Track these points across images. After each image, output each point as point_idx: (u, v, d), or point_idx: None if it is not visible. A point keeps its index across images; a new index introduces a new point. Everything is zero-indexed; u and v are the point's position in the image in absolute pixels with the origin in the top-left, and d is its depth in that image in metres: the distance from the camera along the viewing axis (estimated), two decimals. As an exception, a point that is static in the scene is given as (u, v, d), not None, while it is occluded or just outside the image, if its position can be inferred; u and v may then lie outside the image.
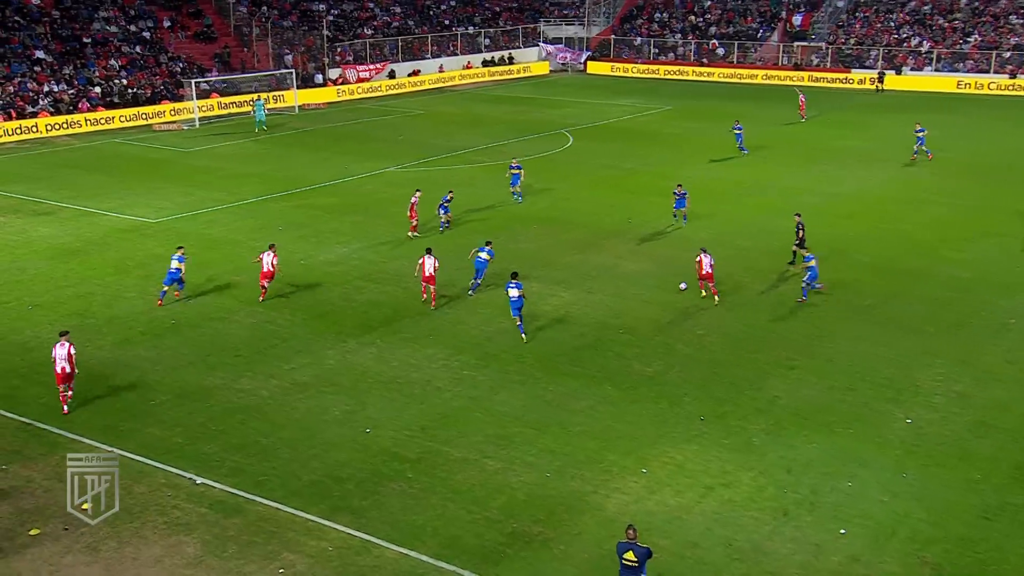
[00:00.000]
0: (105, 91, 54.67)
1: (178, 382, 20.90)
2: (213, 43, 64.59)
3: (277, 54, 65.75)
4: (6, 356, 22.10)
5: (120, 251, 29.88)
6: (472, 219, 33.51)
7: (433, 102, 62.92)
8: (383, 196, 37.05)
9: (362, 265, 28.70)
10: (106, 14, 60.57)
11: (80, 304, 25.35)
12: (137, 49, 59.47)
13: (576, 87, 70.18)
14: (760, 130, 51.14)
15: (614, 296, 26.18)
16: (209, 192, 37.42)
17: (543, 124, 53.46)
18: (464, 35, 78.15)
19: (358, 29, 72.65)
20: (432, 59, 73.83)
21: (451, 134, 50.35)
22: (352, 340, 23.16)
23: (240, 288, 26.63)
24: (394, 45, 72.10)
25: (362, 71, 67.41)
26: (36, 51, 54.64)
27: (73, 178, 39.97)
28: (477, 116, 56.52)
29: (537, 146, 46.91)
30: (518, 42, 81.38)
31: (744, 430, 19.08)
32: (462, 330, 23.82)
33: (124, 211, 34.55)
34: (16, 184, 38.82)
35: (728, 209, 35.12)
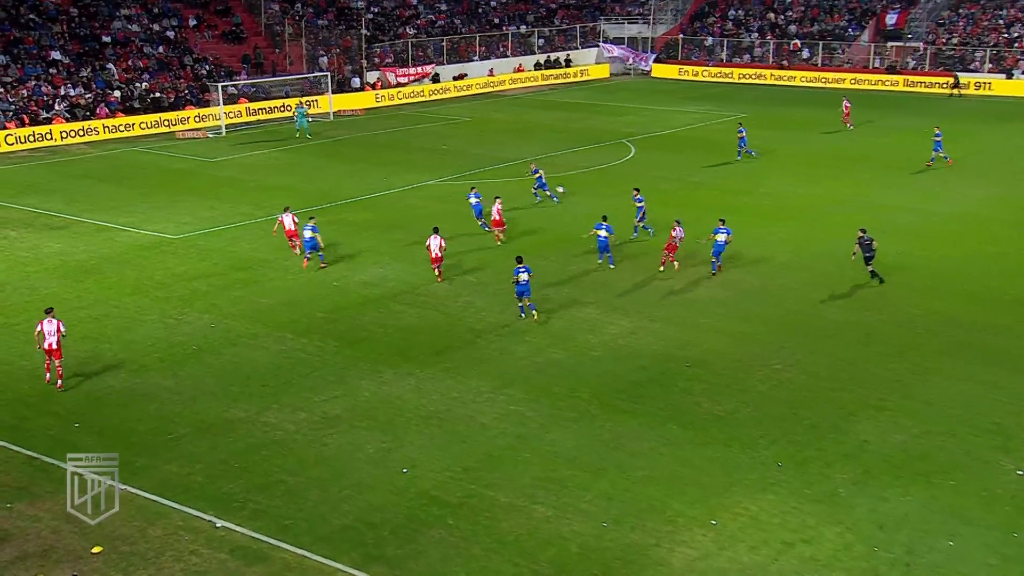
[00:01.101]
0: (125, 95, 56.02)
1: (198, 414, 21.23)
2: (242, 43, 65.92)
3: (311, 56, 66.85)
4: (13, 383, 22.65)
5: (138, 270, 30.52)
6: (520, 235, 33.63)
7: (481, 108, 63.42)
8: (424, 211, 37.38)
9: (400, 287, 28.96)
10: (128, 12, 62.21)
11: (94, 327, 25.93)
12: (160, 50, 60.91)
13: (639, 92, 70.27)
14: (850, 141, 50.68)
15: (680, 325, 26.06)
16: (235, 206, 38.10)
17: (602, 133, 53.55)
18: (516, 35, 78.77)
19: (399, 28, 73.61)
20: (480, 61, 74.50)
21: (500, 144, 50.65)
22: (388, 370, 23.35)
23: (267, 311, 27.03)
24: (439, 46, 72.92)
25: (403, 75, 68.28)
26: (52, 52, 56.25)
27: (89, 189, 40.99)
28: (529, 124, 56.84)
29: (595, 157, 47.00)
30: (575, 42, 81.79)
31: (828, 479, 18.82)
32: (510, 361, 23.87)
33: (143, 226, 35.32)
34: (28, 195, 39.92)
35: (810, 229, 34.83)
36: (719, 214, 36.05)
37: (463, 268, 30.41)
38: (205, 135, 53.64)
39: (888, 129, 52.80)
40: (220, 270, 30.52)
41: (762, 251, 32.22)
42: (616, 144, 50.42)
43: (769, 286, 29.05)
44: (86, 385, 22.49)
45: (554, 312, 26.91)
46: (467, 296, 28.18)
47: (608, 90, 72.41)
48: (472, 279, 29.54)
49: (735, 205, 37.44)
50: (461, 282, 29.27)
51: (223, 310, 27.13)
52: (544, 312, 26.82)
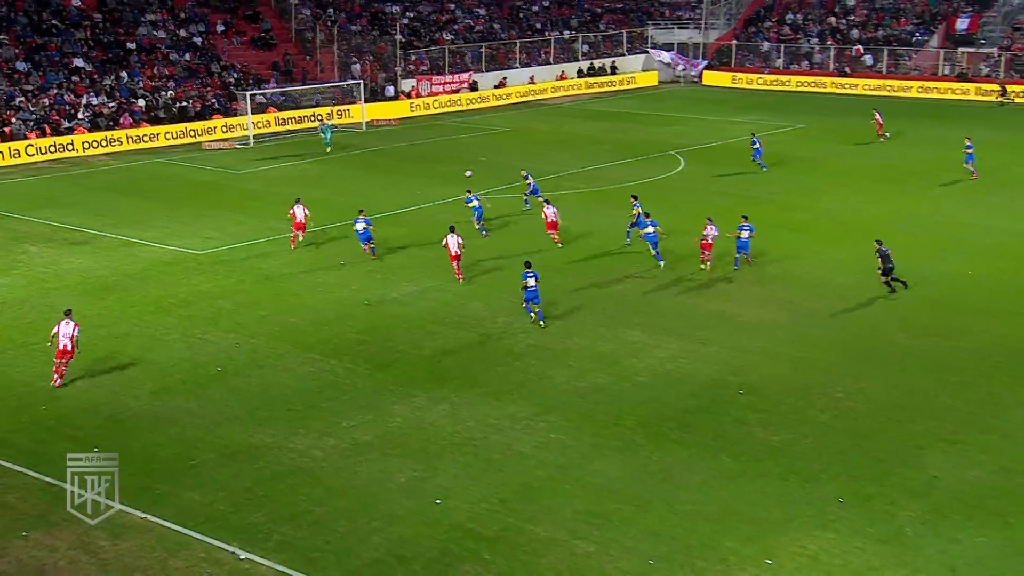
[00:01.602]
0: (150, 104, 56.86)
1: (222, 439, 21.39)
2: (272, 50, 66.71)
3: (343, 63, 67.49)
4: (31, 405, 22.97)
5: (161, 287, 30.89)
6: (556, 251, 33.64)
7: (521, 118, 63.63)
8: (460, 227, 37.48)
9: (435, 307, 29.05)
10: (153, 17, 63.23)
11: (115, 346, 26.25)
12: (187, 57, 61.80)
13: (690, 101, 70.15)
14: (917, 153, 50.18)
15: (733, 349, 25.89)
16: (263, 220, 38.49)
17: (650, 144, 53.51)
18: (559, 41, 79.03)
19: (436, 34, 74.13)
20: (521, 68, 74.80)
21: (541, 155, 50.74)
22: (422, 394, 23.40)
23: (295, 331, 27.22)
24: (477, 53, 73.34)
25: (439, 82, 68.70)
26: (74, 59, 57.27)
27: (111, 203, 41.60)
28: (572, 135, 56.92)
29: (642, 170, 46.94)
30: (621, 48, 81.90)
31: (894, 517, 18.55)
32: (550, 385, 23.83)
33: (167, 241, 35.78)
34: (48, 209, 40.59)
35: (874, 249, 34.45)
36: (777, 232, 35.90)
37: (506, 289, 30.43)
38: (232, 146, 54.29)
39: (934, 141, 52.22)
40: (246, 287, 30.81)
41: (822, 271, 31.94)
42: (664, 156, 50.33)
43: (829, 308, 28.79)
44: (106, 408, 22.75)
45: (598, 334, 26.84)
46: (506, 316, 28.20)
47: (656, 99, 72.33)
48: (510, 299, 29.54)
49: (793, 222, 37.19)
50: (500, 301, 29.30)
51: (249, 329, 27.36)
52: (587, 334, 26.75)
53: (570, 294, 30.06)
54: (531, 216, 37.79)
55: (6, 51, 55.74)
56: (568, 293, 30.15)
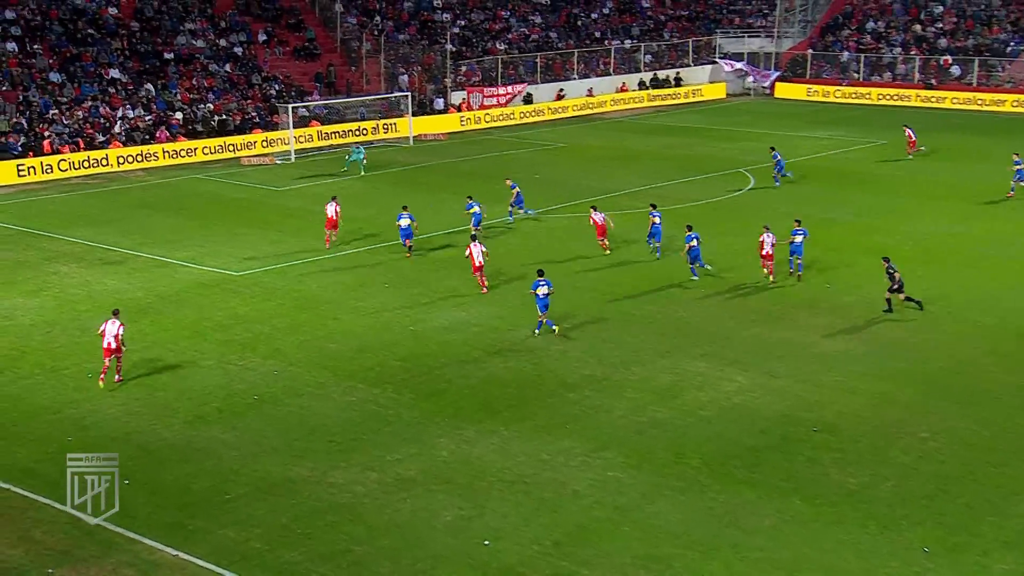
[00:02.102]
0: (187, 117, 57.82)
1: (259, 472, 21.56)
2: (315, 61, 67.56)
3: (391, 74, 68.13)
4: (58, 433, 23.34)
5: (197, 310, 31.31)
6: (615, 275, 33.56)
7: (578, 133, 63.72)
8: (513, 247, 37.58)
9: (485, 333, 29.11)
10: (193, 26, 64.37)
11: (148, 372, 26.61)
12: (227, 68, 62.79)
13: (760, 115, 69.81)
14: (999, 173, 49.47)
15: (806, 383, 25.63)
16: (303, 240, 38.88)
17: (717, 161, 53.30)
18: (619, 50, 79.17)
19: (488, 44, 74.61)
20: (578, 80, 74.97)
21: (600, 173, 50.73)
22: (470, 427, 23.43)
23: (336, 358, 27.41)
24: (532, 63, 73.67)
25: (491, 95, 69.07)
26: (110, 70, 58.43)
27: (146, 221, 42.28)
28: (633, 151, 56.89)
29: (709, 188, 46.77)
30: (687, 59, 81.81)
31: (986, 570, 18.20)
32: (607, 419, 23.75)
33: (204, 262, 36.27)
34: (81, 227, 41.36)
35: (964, 274, 34.04)
36: (855, 256, 35.60)
37: (566, 319, 30.45)
38: (273, 161, 54.95)
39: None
40: (285, 311, 31.11)
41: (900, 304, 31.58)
42: (733, 174, 50.10)
43: (913, 339, 28.41)
44: (137, 437, 23.05)
45: (658, 364, 26.71)
46: (560, 344, 28.18)
47: (724, 112, 72.08)
48: (566, 325, 29.52)
49: (872, 245, 36.82)
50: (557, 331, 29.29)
51: (288, 356, 27.60)
52: (646, 364, 26.63)
53: (627, 320, 29.96)
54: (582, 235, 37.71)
55: (39, 61, 57.06)
56: (625, 318, 30.06)
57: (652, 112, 72.78)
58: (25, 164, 50.35)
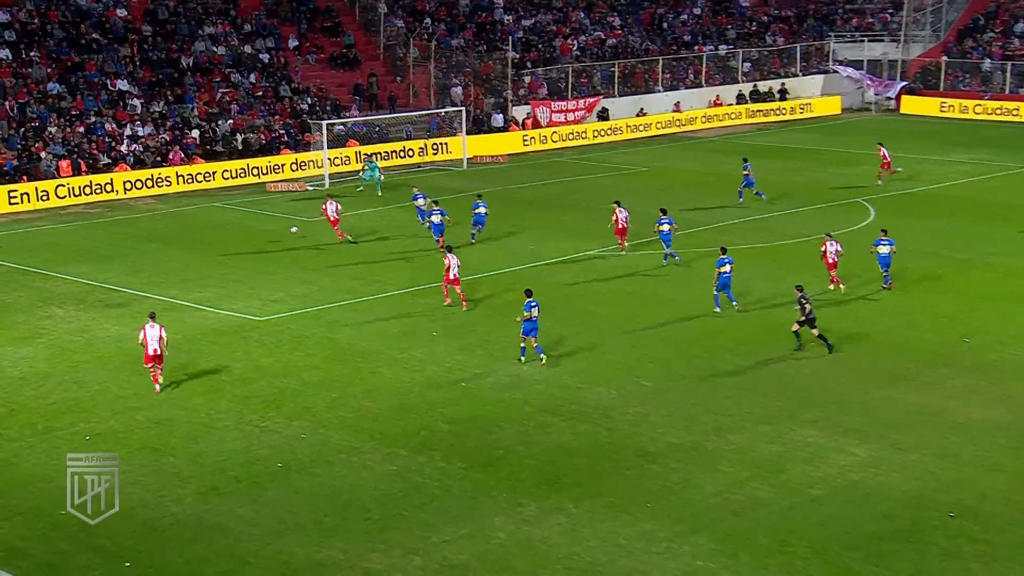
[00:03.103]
0: (205, 136, 58.60)
1: (282, 554, 21.56)
2: (354, 70, 68.30)
3: (442, 85, 68.60)
4: (50, 506, 23.42)
5: (214, 360, 31.54)
6: (704, 325, 33.33)
7: (663, 155, 63.61)
8: (583, 291, 37.50)
9: (549, 391, 28.99)
10: (213, 30, 65.40)
11: (156, 435, 26.81)
12: (251, 78, 63.65)
13: (882, 134, 68.96)
14: None
15: (939, 456, 25.22)
16: (338, 279, 39.11)
17: (829, 189, 52.98)
18: (712, 58, 79.14)
19: (557, 49, 74.81)
20: (663, 92, 75.05)
21: (688, 201, 50.56)
22: (532, 503, 23.29)
23: (375, 419, 27.45)
24: (608, 72, 73.88)
25: (560, 110, 69.22)
26: (117, 81, 59.43)
27: (156, 256, 42.79)
28: (728, 176, 56.56)
29: (820, 221, 46.33)
30: (794, 67, 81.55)
31: None
32: (696, 497, 23.50)
33: (221, 304, 36.60)
34: (81, 263, 41.96)
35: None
36: (997, 304, 35.17)
37: (641, 370, 30.23)
38: (304, 187, 55.41)
39: None
40: (316, 363, 31.24)
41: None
42: (848, 204, 49.70)
43: None
44: (142, 512, 23.19)
45: (758, 431, 26.41)
46: (640, 405, 28.01)
47: (839, 131, 71.63)
48: (646, 383, 29.35)
49: (1020, 292, 36.28)
50: (633, 386, 29.11)
51: (318, 416, 27.68)
52: (744, 430, 26.32)
53: (720, 377, 29.71)
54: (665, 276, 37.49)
55: (37, 71, 58.28)
56: (717, 376, 29.81)
57: (752, 130, 72.53)
58: (18, 190, 51.21)
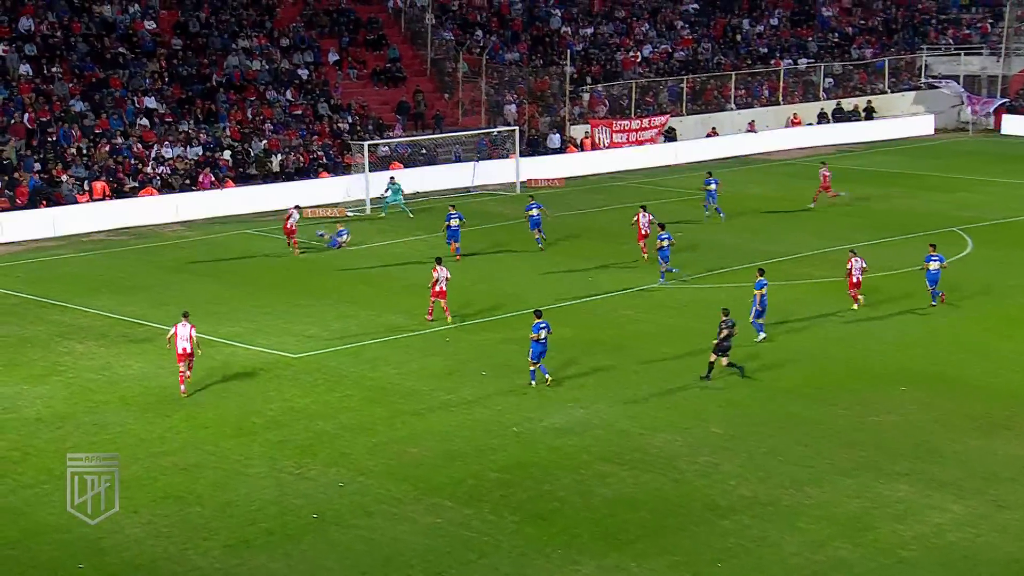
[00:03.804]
0: (238, 158, 59.07)
1: (315, 613, 21.59)
2: (399, 86, 68.65)
3: (494, 103, 68.77)
4: (67, 559, 23.58)
5: (244, 401, 31.68)
6: (778, 361, 33.14)
7: (735, 179, 63.43)
8: (644, 327, 37.41)
9: (611, 438, 28.89)
10: (247, 44, 65.92)
11: (182, 482, 26.92)
12: (288, 95, 64.15)
13: (981, 157, 68.79)
14: None
15: (1047, 516, 24.91)
16: (379, 314, 39.22)
17: (922, 217, 52.67)
18: (791, 72, 78.81)
19: (619, 63, 74.68)
20: (736, 110, 74.83)
21: (764, 230, 50.36)
22: (590, 561, 23.18)
23: (418, 466, 27.44)
24: (675, 89, 73.81)
25: (623, 129, 69.19)
26: (145, 98, 60.03)
27: (183, 288, 43.10)
28: (807, 202, 56.35)
29: (910, 252, 45.96)
30: (882, 83, 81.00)
31: None
32: (773, 557, 23.33)
33: (253, 340, 36.79)
34: (103, 295, 42.30)
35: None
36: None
37: (711, 413, 30.08)
38: (344, 212, 55.66)
39: None
40: (355, 404, 31.31)
41: None
42: (943, 234, 49.19)
43: None
44: (166, 566, 23.29)
45: (841, 485, 26.15)
46: (709, 454, 27.85)
47: (932, 153, 71.14)
48: (716, 430, 29.20)
49: None
50: (701, 432, 28.96)
51: (357, 463, 27.72)
52: (826, 483, 26.08)
53: (798, 424, 29.51)
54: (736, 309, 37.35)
55: (59, 87, 58.96)
56: (795, 422, 29.61)
57: (835, 152, 72.11)
58: (36, 215, 51.59)
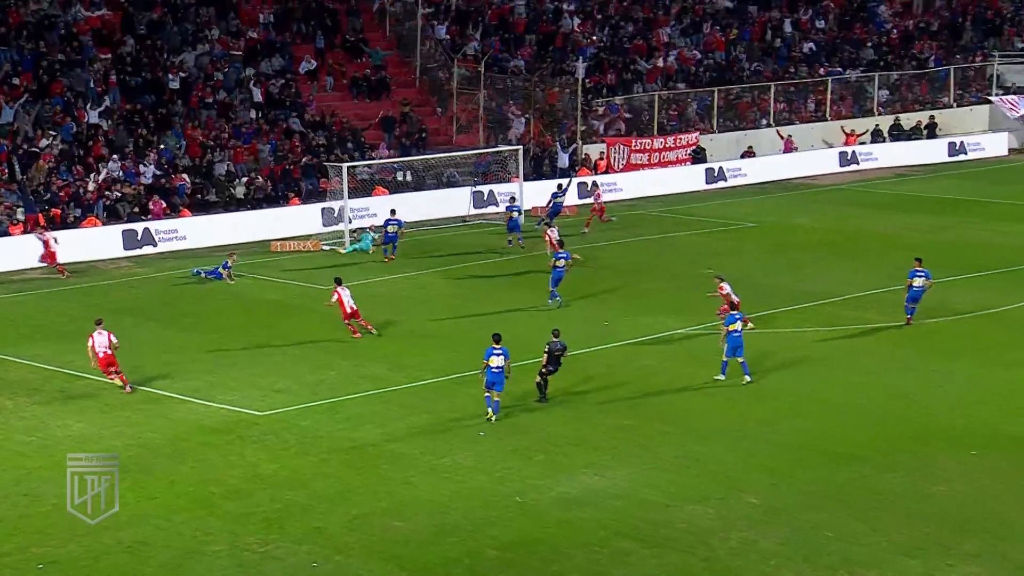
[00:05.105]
0: (195, 182, 58.87)
1: None
2: (383, 98, 68.65)
3: (495, 118, 68.65)
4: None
5: (202, 468, 31.61)
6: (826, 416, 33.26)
7: (776, 207, 63.58)
8: (669, 380, 37.56)
9: (628, 509, 28.91)
10: (205, 47, 65.75)
11: (128, 563, 26.79)
12: (253, 108, 64.02)
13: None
14: None
15: None
16: (359, 365, 39.24)
17: (995, 252, 52.89)
18: (840, 82, 78.77)
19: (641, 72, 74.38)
20: (777, 126, 74.68)
21: (807, 266, 50.58)
22: (605, 656, 23.28)
23: (405, 542, 27.47)
24: (706, 100, 73.78)
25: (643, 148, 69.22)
26: (86, 111, 59.55)
27: (132, 334, 42.88)
28: (859, 234, 56.62)
29: (981, 293, 46.15)
30: (947, 95, 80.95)
31: None
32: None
33: (213, 395, 36.76)
34: (38, 343, 42.27)
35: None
36: None
37: (745, 482, 30.19)
38: (318, 246, 55.63)
39: None
40: (331, 470, 31.31)
41: None
42: (1014, 273, 49.36)
43: None
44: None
45: (901, 567, 26.16)
46: (744, 529, 27.89)
47: (1007, 176, 71.33)
48: (753, 500, 29.25)
49: None
50: (736, 503, 29.02)
51: (333, 539, 27.74)
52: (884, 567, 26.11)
53: (849, 493, 29.59)
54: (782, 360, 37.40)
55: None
56: (846, 491, 29.69)
57: (892, 176, 72.39)
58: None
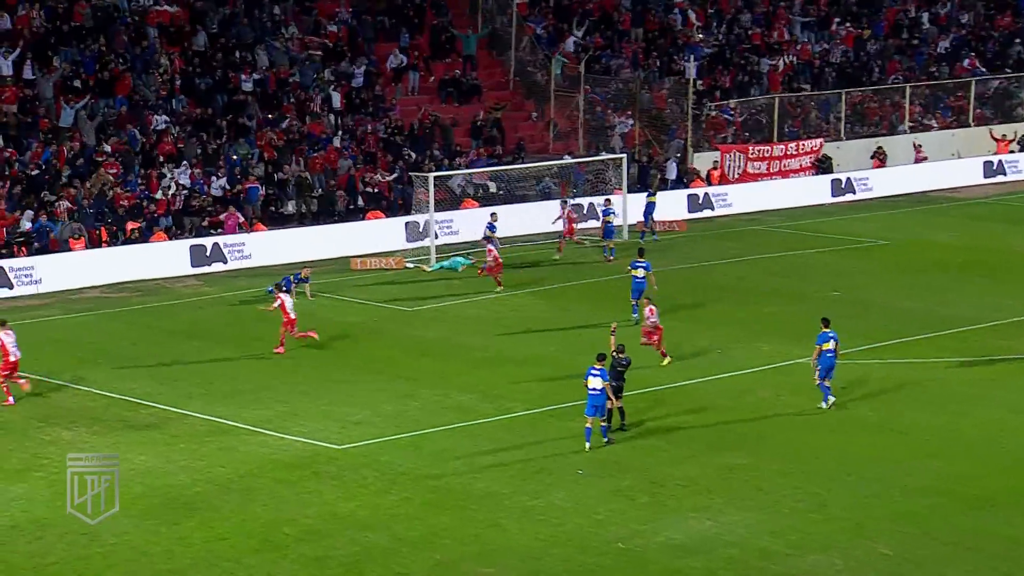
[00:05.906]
0: (269, 194, 59.17)
1: None
2: (473, 102, 68.79)
3: (595, 124, 68.55)
4: None
5: (273, 506, 31.73)
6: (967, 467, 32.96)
7: (911, 223, 63.24)
8: (792, 417, 37.39)
9: (744, 559, 28.74)
10: (280, 45, 65.91)
11: (192, 606, 27.24)
12: (333, 111, 64.39)
13: None
14: None
15: None
16: (447, 393, 39.35)
17: None
18: (985, 82, 77.77)
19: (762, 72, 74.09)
20: (912, 133, 74.07)
21: (944, 290, 50.26)
22: None
23: (494, 593, 27.53)
24: (830, 103, 73.23)
25: (761, 156, 68.92)
26: (153, 114, 59.92)
27: (199, 358, 43.38)
28: (1006, 253, 56.15)
29: None
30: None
31: None
32: None
33: (286, 426, 36.93)
34: (98, 368, 42.55)
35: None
36: None
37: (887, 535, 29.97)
38: (402, 263, 55.77)
39: None
40: (414, 511, 31.33)
41: None
42: None
43: None
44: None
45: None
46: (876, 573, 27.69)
47: None
48: (886, 551, 29.00)
49: None
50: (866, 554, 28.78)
51: (415, 586, 27.86)
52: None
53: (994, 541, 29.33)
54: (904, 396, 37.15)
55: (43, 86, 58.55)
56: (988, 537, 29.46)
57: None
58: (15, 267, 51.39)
